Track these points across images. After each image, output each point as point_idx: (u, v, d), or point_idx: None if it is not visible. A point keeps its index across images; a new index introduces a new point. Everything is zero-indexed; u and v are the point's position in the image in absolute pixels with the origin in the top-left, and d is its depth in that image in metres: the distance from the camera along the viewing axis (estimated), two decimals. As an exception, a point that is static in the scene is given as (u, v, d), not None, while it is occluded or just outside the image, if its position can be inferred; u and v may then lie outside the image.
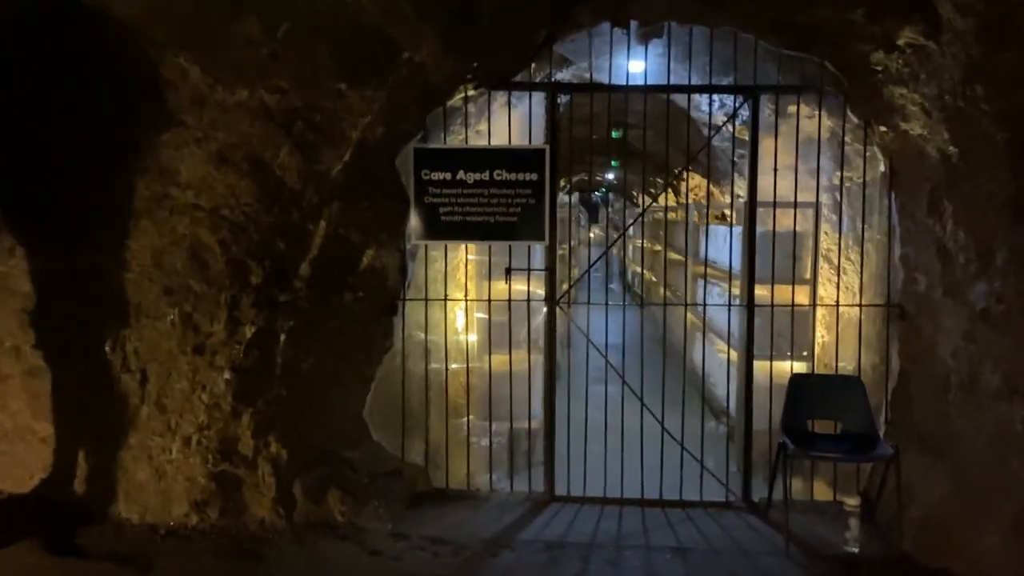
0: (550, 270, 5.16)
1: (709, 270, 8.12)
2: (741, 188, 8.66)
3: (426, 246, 5.19)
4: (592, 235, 21.43)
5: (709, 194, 10.18)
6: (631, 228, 17.96)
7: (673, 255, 10.80)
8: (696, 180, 11.55)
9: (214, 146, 4.23)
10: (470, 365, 5.58)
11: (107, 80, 4.12)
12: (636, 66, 6.55)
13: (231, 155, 4.27)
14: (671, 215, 12.20)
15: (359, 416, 5.01)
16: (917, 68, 4.03)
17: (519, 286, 5.73)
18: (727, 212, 9.62)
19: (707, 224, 8.69)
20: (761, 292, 5.54)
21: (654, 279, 12.29)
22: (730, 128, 7.47)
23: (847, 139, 5.05)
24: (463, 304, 7.25)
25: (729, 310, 5.35)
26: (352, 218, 4.73)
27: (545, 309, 5.26)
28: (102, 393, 4.46)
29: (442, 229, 5.06)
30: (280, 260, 4.55)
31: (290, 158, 4.36)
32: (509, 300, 5.16)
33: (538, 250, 5.40)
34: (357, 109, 4.32)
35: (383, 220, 4.89)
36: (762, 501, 5.01)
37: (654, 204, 14.61)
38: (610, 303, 5.53)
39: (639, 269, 14.40)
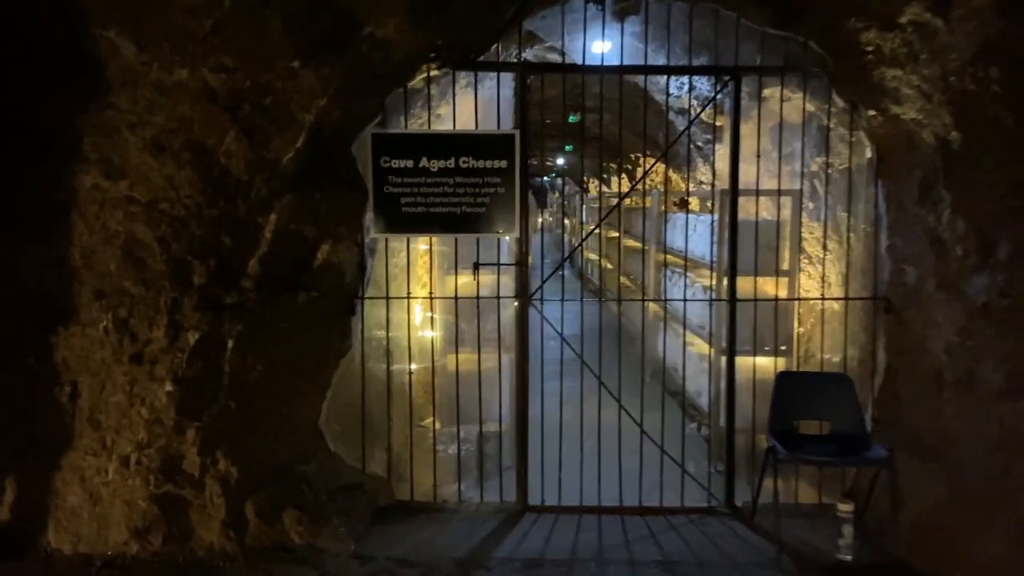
0: (521, 264, 4.81)
1: (672, 258, 7.87)
2: (705, 175, 8.43)
3: (386, 240, 4.79)
4: (540, 220, 21.14)
5: (668, 180, 9.94)
6: (585, 214, 17.69)
7: (631, 242, 10.56)
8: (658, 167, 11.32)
9: (150, 132, 3.77)
10: (433, 365, 5.22)
11: (23, 57, 3.62)
12: (603, 47, 6.22)
13: (170, 142, 3.81)
14: (627, 202, 11.94)
15: (315, 426, 4.61)
16: (918, 48, 3.77)
17: (483, 278, 5.38)
18: (687, 199, 9.39)
19: (666, 212, 8.44)
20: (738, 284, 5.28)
21: (610, 267, 12.03)
22: (695, 113, 7.21)
23: (831, 123, 4.80)
24: (422, 300, 6.88)
25: (712, 305, 5.07)
26: (305, 211, 4.31)
27: (515, 305, 4.91)
28: (27, 409, 3.98)
29: (404, 221, 4.67)
30: (226, 258, 4.11)
31: (236, 145, 3.92)
32: (478, 297, 4.80)
33: (505, 243, 5.05)
34: (311, 90, 3.90)
35: (339, 212, 4.48)
36: (746, 506, 4.76)
37: (607, 191, 14.36)
38: (584, 299, 5.19)
39: (594, 256, 14.12)
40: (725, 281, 5.38)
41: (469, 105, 5.00)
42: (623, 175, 12.65)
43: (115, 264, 3.93)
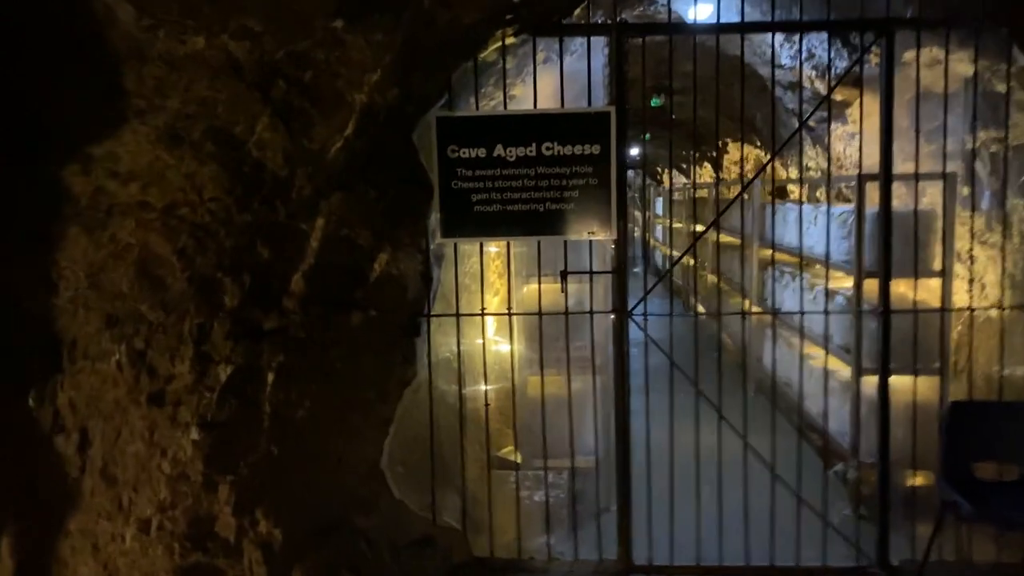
0: (619, 272, 3.94)
1: (779, 256, 6.90)
2: (814, 159, 7.42)
3: (455, 245, 3.98)
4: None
5: (767, 167, 8.92)
6: (661, 207, 16.66)
7: (725, 237, 9.56)
8: (746, 151, 10.29)
9: (163, 119, 3.03)
10: (513, 386, 4.40)
11: (9, 36, 2.90)
12: (702, 10, 5.31)
13: (188, 131, 3.06)
14: (707, 191, 10.91)
15: (375, 469, 3.83)
16: None
17: (569, 286, 4.53)
18: (792, 188, 8.38)
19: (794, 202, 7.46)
20: (870, 287, 4.33)
21: (692, 263, 11.03)
22: (806, 85, 6.23)
23: (1010, 86, 3.81)
24: (494, 304, 6.07)
25: (860, 316, 4.13)
26: (359, 213, 3.53)
27: (611, 319, 4.05)
28: (27, 462, 3.29)
29: (476, 223, 3.86)
30: (264, 274, 3.35)
31: (271, 133, 3.15)
32: (567, 313, 3.96)
33: (596, 246, 4.20)
34: (360, 61, 3.10)
35: (400, 214, 3.69)
36: (906, 565, 3.83)
37: (687, 182, 13.35)
38: (685, 314, 4.28)
39: (669, 251, 13.07)
40: (865, 286, 4.44)
41: (550, 83, 4.16)
42: (706, 164, 11.63)
43: (128, 284, 3.20)
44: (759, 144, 8.76)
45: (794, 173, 8.02)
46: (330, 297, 3.55)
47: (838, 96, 6.01)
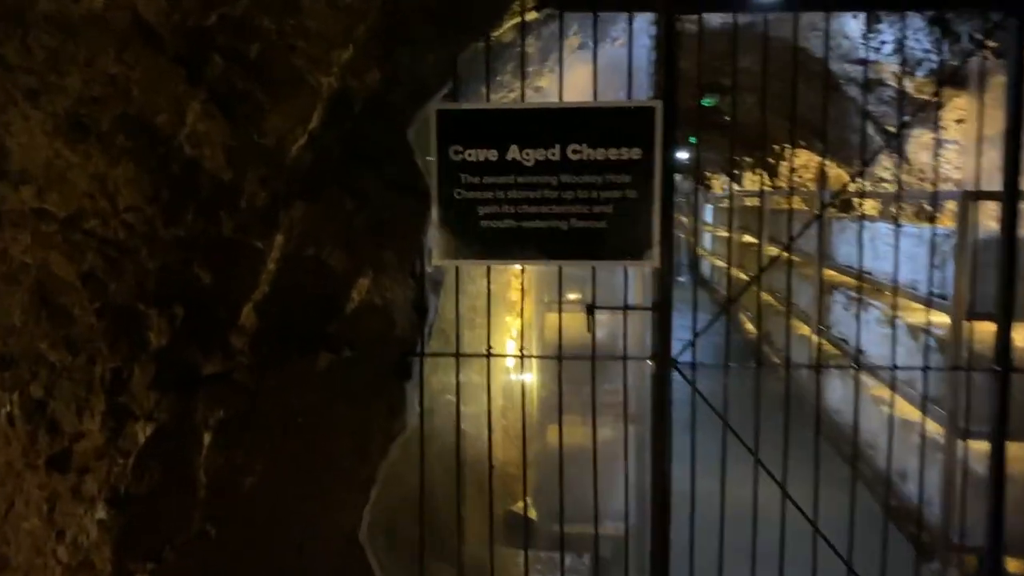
0: (661, 308, 3.13)
1: (847, 279, 6.03)
2: (888, 169, 6.52)
3: (457, 268, 3.21)
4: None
5: (821, 173, 8.03)
6: (706, 213, 15.75)
7: (772, 249, 8.67)
8: (804, 158, 9.37)
9: (61, 103, 2.30)
10: (524, 423, 3.62)
11: None
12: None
13: (94, 119, 2.34)
14: (760, 200, 10.00)
15: (353, 542, 3.08)
16: None
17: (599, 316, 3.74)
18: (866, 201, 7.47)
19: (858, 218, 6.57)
20: (982, 330, 3.48)
21: (745, 277, 10.08)
22: (891, 82, 5.37)
23: None
24: (517, 321, 5.30)
25: (970, 376, 3.28)
26: (332, 228, 2.79)
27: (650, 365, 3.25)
28: None
29: (484, 241, 3.08)
30: (202, 304, 2.62)
31: (207, 124, 2.42)
32: (593, 358, 3.16)
33: (633, 273, 3.40)
34: (324, 33, 2.36)
35: (386, 229, 2.94)
36: None
37: (738, 189, 12.47)
38: (745, 365, 3.45)
39: (719, 263, 12.14)
40: (968, 328, 3.58)
41: (583, 76, 3.39)
42: (763, 170, 10.71)
43: (22, 315, 2.49)
44: (827, 151, 7.85)
45: (865, 183, 7.11)
46: (292, 333, 2.81)
47: (923, 95, 5.13)
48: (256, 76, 2.39)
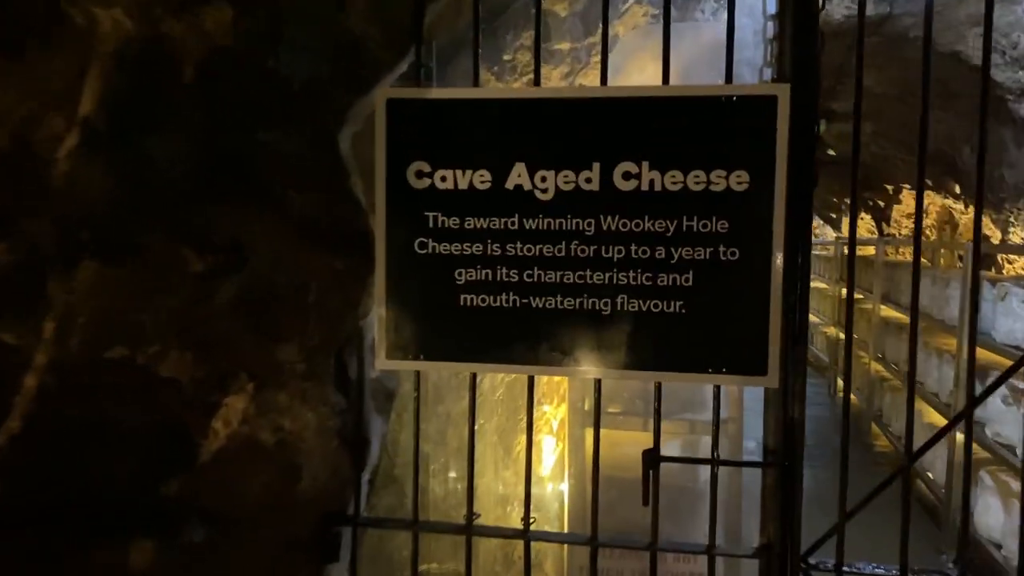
0: (786, 465, 1.70)
1: (998, 358, 4.48)
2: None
3: (418, 375, 1.85)
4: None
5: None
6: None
7: (892, 312, 7.09)
8: (925, 200, 7.77)
9: None
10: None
11: None
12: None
13: None
14: (869, 251, 8.38)
15: None
16: None
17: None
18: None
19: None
20: None
21: (864, 356, 8.25)
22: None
23: None
24: (552, 419, 3.92)
25: None
26: (156, 307, 1.48)
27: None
28: None
29: (465, 329, 1.75)
30: None
31: None
32: (654, 548, 1.75)
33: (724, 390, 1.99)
34: None
35: (283, 309, 1.63)
36: None
37: (838, 236, 10.89)
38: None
39: (833, 331, 10.26)
40: None
41: (651, 62, 2.06)
42: (866, 215, 9.11)
43: None
44: (959, 192, 6.24)
45: (1018, 235, 5.54)
46: (78, 502, 1.50)
47: None
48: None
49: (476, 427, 1.87)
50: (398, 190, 1.73)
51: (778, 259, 1.63)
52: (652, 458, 1.68)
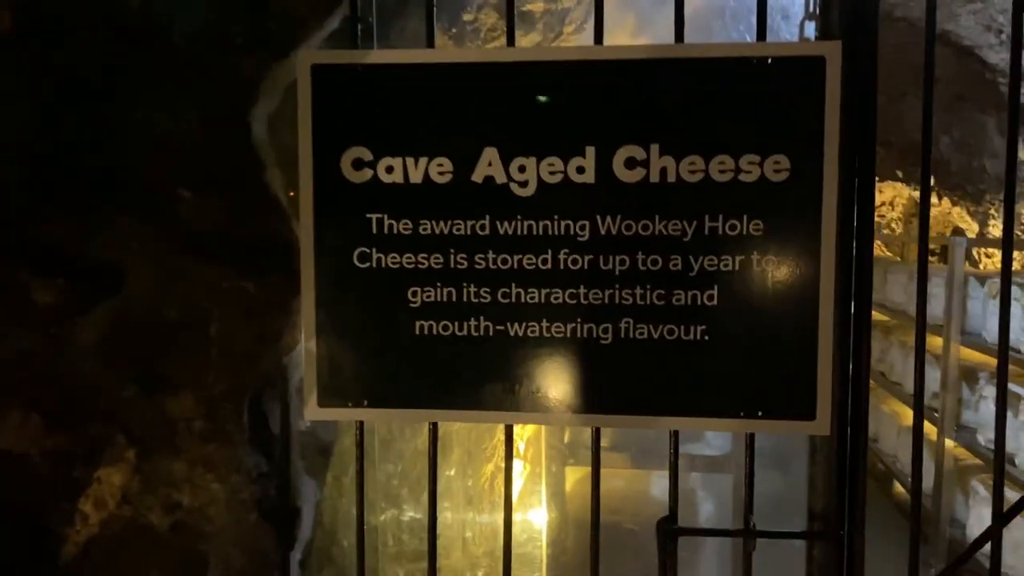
0: (831, 533, 1.32)
1: (992, 360, 4.20)
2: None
3: (360, 426, 1.42)
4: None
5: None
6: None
7: (879, 316, 6.74)
8: (888, 193, 7.50)
9: None
10: None
11: None
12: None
13: None
14: (885, 251, 7.97)
15: None
16: None
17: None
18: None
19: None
20: None
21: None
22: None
23: None
24: (518, 440, 3.52)
25: None
26: None
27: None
28: None
29: (419, 367, 1.33)
30: None
31: None
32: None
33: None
34: None
35: (176, 344, 1.19)
36: None
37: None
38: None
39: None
40: None
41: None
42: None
43: None
44: (934, 184, 5.98)
45: (998, 228, 5.28)
46: None
47: None
48: None
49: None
50: (330, 185, 1.32)
51: (829, 270, 1.25)
52: (669, 529, 1.29)
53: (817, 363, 1.26)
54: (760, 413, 1.30)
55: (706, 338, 1.29)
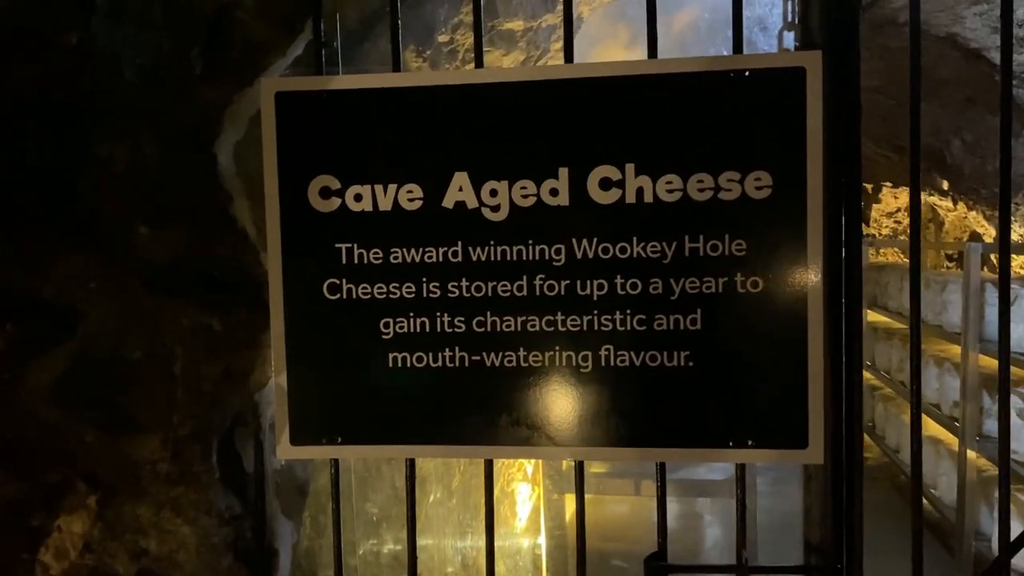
0: (829, 567, 1.26)
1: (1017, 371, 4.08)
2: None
3: (335, 464, 1.37)
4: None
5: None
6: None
7: (879, 317, 6.64)
8: (903, 199, 7.40)
9: None
10: None
11: None
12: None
13: None
14: (869, 254, 7.91)
15: None
16: None
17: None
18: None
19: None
20: None
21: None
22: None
23: None
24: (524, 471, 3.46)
25: None
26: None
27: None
28: None
29: (395, 400, 1.29)
30: None
31: None
32: None
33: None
34: None
35: (127, 391, 1.15)
36: None
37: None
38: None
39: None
40: None
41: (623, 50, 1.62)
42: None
43: None
44: (947, 188, 5.86)
45: (1016, 233, 5.17)
46: None
47: None
48: None
49: (433, 498, 1.41)
50: (297, 215, 1.27)
51: (816, 290, 1.19)
52: (657, 567, 1.23)
53: (808, 388, 1.20)
54: (750, 442, 1.23)
55: (690, 364, 1.23)
